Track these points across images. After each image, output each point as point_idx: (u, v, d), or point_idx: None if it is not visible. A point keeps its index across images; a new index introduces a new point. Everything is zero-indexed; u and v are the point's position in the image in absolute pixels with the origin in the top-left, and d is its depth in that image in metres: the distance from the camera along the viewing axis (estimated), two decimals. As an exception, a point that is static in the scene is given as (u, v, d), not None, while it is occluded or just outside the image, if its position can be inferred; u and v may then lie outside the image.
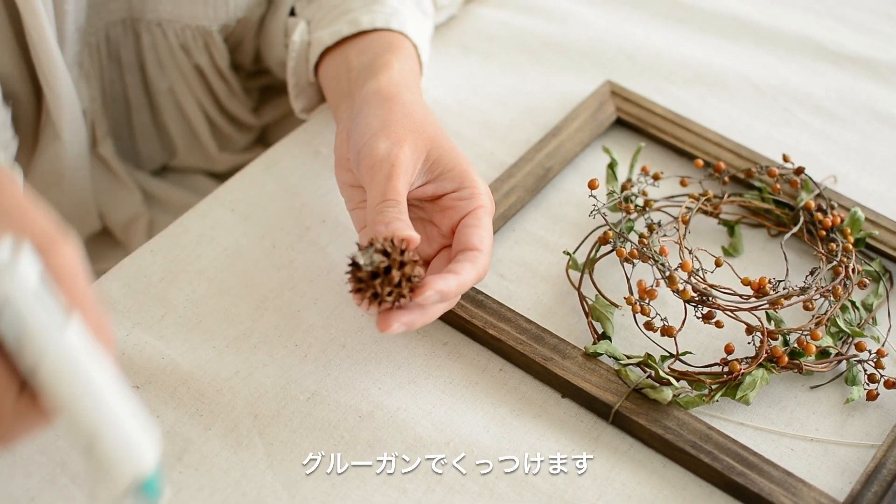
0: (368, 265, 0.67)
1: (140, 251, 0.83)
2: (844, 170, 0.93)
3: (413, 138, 0.76)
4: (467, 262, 0.72)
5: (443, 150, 0.77)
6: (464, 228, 0.74)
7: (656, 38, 1.05)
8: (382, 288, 0.67)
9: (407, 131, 0.76)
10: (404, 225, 0.70)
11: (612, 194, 0.85)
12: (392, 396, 0.75)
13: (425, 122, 0.78)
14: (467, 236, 0.73)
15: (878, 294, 0.83)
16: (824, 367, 0.77)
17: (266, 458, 0.71)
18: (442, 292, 0.69)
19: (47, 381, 0.52)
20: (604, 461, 0.73)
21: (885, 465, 0.72)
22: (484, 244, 0.73)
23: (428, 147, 0.76)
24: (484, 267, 0.73)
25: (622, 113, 0.94)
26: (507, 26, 1.05)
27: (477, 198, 0.75)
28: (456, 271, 0.71)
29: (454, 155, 0.77)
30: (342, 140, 0.80)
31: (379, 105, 0.78)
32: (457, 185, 0.76)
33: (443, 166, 0.76)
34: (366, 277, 0.68)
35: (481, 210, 0.75)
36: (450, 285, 0.69)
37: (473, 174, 0.76)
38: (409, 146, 0.75)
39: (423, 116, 0.78)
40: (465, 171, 0.76)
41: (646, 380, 0.74)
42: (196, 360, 0.76)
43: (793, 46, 1.05)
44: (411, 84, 0.82)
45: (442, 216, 0.76)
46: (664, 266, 0.77)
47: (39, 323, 0.51)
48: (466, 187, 0.76)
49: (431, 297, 0.68)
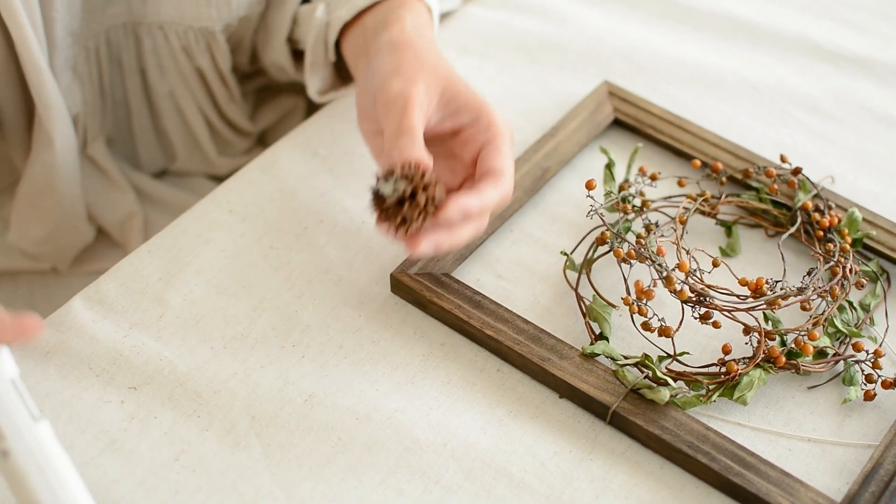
0: (392, 193, 0.69)
1: (137, 252, 0.82)
2: (842, 170, 0.93)
3: (426, 76, 0.78)
4: (489, 182, 0.74)
5: (458, 87, 0.79)
6: (484, 155, 0.76)
7: (654, 39, 1.05)
8: (411, 212, 0.69)
9: (419, 71, 0.78)
10: (419, 150, 0.72)
11: (610, 195, 0.85)
12: (389, 397, 0.75)
13: (438, 64, 0.80)
14: (488, 161, 0.76)
15: (876, 294, 0.83)
16: (822, 367, 0.77)
17: (263, 459, 0.71)
18: (464, 209, 0.71)
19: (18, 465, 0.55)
20: (601, 462, 0.73)
21: (882, 466, 0.72)
22: (505, 166, 0.75)
23: (442, 85, 0.79)
24: (507, 188, 0.75)
25: (619, 113, 0.94)
26: (504, 27, 1.05)
27: (494, 126, 0.77)
28: (477, 189, 0.73)
29: (469, 92, 0.79)
30: (361, 91, 0.82)
31: (391, 52, 0.80)
32: (473, 118, 0.78)
33: (459, 102, 0.79)
34: (392, 205, 0.69)
35: (499, 137, 0.77)
36: (471, 202, 0.72)
37: (489, 106, 0.78)
38: (422, 83, 0.77)
39: (436, 59, 0.81)
40: (482, 104, 0.78)
41: (643, 380, 0.74)
42: (193, 361, 0.76)
43: (790, 47, 1.05)
44: (424, 33, 0.84)
45: (463, 148, 0.79)
46: (661, 266, 0.77)
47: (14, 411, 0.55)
48: (483, 118, 0.77)
49: (454, 211, 0.71)
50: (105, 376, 0.75)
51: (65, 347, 0.76)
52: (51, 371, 0.75)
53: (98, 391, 0.74)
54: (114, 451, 0.71)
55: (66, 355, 0.76)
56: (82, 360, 0.75)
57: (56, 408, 0.73)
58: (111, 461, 0.71)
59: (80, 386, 0.74)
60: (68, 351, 0.76)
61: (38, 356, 0.75)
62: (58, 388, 0.74)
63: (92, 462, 0.70)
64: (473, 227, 0.75)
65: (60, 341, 0.76)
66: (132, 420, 0.73)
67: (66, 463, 0.56)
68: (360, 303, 0.80)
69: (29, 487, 0.55)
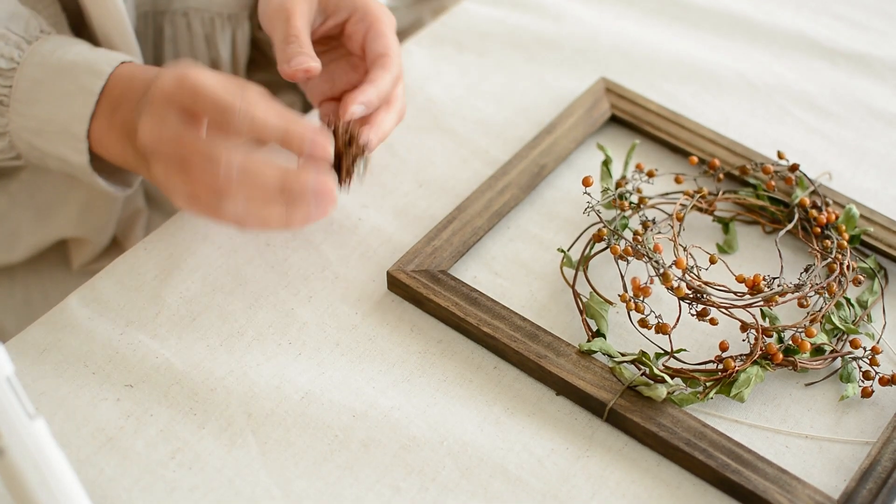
0: None
1: (134, 249, 0.82)
2: (839, 167, 0.93)
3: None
4: (378, 69, 0.81)
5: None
6: (367, 44, 0.83)
7: (651, 35, 1.05)
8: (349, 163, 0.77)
9: None
10: (307, 58, 0.79)
11: (607, 191, 0.85)
12: (386, 395, 0.75)
13: None
14: (372, 48, 0.82)
15: (873, 291, 0.83)
16: (819, 364, 0.77)
17: (260, 456, 0.71)
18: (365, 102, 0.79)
19: (14, 463, 0.55)
20: (598, 459, 0.73)
21: (879, 462, 0.72)
22: (388, 48, 0.82)
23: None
24: (396, 67, 0.82)
25: (616, 110, 0.94)
26: (501, 24, 1.04)
27: (370, 14, 0.83)
28: (370, 80, 0.80)
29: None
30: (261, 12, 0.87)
31: None
32: (350, 11, 0.84)
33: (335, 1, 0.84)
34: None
35: (377, 23, 0.83)
36: (368, 94, 0.79)
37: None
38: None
39: None
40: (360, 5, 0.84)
41: (640, 377, 0.74)
42: (190, 358, 0.76)
43: (787, 43, 1.05)
44: None
45: (351, 43, 0.85)
46: (658, 263, 0.77)
47: (10, 409, 0.55)
48: (358, 9, 0.84)
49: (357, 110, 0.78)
50: (101, 374, 0.75)
51: (60, 345, 0.76)
52: (46, 369, 0.75)
53: (94, 389, 0.74)
54: (110, 449, 0.71)
55: (61, 353, 0.76)
56: (78, 358, 0.75)
57: (52, 405, 0.73)
58: (107, 459, 0.70)
59: (76, 384, 0.74)
60: (64, 349, 0.76)
61: (34, 354, 0.75)
62: (53, 386, 0.74)
63: (88, 460, 0.70)
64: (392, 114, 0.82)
65: (56, 339, 0.76)
66: (128, 418, 0.73)
67: (61, 461, 0.56)
68: (357, 300, 0.80)
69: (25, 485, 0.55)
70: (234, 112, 0.71)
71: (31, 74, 0.79)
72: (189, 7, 0.93)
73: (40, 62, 0.79)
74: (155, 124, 0.73)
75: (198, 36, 0.95)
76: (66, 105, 0.79)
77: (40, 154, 0.81)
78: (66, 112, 0.79)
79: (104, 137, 0.79)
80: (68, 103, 0.79)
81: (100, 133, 0.79)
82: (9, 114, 0.80)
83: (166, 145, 0.73)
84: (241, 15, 0.95)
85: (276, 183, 0.72)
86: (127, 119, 0.77)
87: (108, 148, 0.79)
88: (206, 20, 0.94)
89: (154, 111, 0.73)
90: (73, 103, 0.78)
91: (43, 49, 0.80)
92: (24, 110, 0.80)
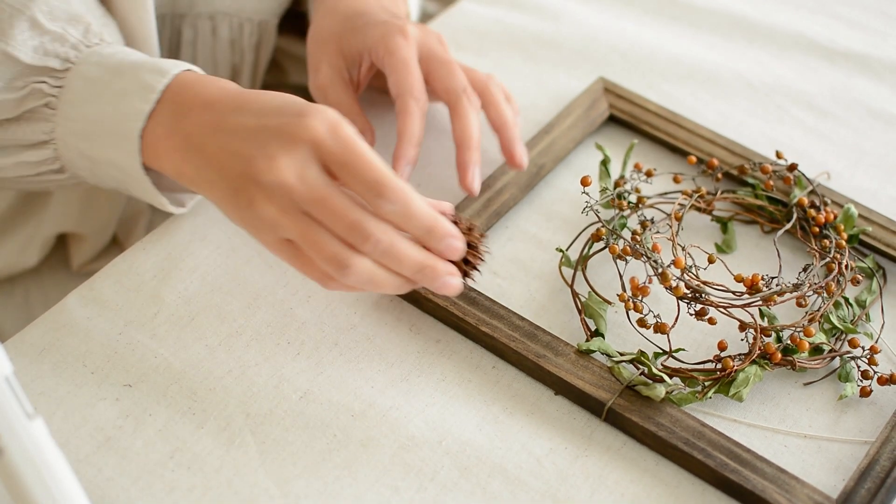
0: None
1: (132, 249, 0.82)
2: (838, 166, 0.93)
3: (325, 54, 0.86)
4: (400, 116, 0.82)
5: (349, 40, 0.85)
6: (389, 87, 0.84)
7: (649, 35, 1.05)
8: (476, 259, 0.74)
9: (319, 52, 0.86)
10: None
11: (605, 191, 0.85)
12: (384, 395, 0.75)
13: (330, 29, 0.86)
14: (392, 91, 0.83)
15: (872, 290, 0.83)
16: (817, 363, 0.77)
17: (258, 456, 0.71)
18: (407, 161, 0.80)
19: (12, 462, 0.55)
20: (596, 459, 0.73)
21: (878, 462, 0.72)
22: (401, 85, 0.82)
23: (339, 49, 0.85)
24: (420, 103, 0.82)
25: (615, 110, 0.94)
26: (499, 23, 1.04)
27: (379, 50, 0.83)
28: (399, 133, 0.81)
29: (359, 36, 0.85)
30: None
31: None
32: (368, 53, 0.85)
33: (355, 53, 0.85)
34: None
35: (388, 58, 0.83)
36: (406, 153, 0.80)
37: (372, 38, 0.84)
38: (324, 65, 0.85)
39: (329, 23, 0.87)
40: (365, 44, 0.84)
41: (639, 377, 0.74)
42: (188, 358, 0.76)
43: (786, 43, 1.05)
44: None
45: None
46: (657, 263, 0.77)
47: (9, 408, 0.55)
48: (370, 49, 0.84)
49: (405, 172, 0.80)
50: (100, 374, 0.75)
51: (59, 345, 0.76)
52: (45, 368, 0.75)
53: (93, 388, 0.74)
54: (108, 449, 0.71)
55: (60, 353, 0.76)
56: (77, 358, 0.75)
57: (50, 405, 0.73)
58: (106, 459, 0.70)
59: (75, 383, 0.74)
60: (63, 348, 0.76)
61: (33, 353, 0.75)
62: (52, 386, 0.74)
63: (86, 460, 0.70)
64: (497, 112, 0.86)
65: (55, 339, 0.76)
66: (127, 417, 0.72)
67: (60, 460, 0.56)
68: (355, 300, 0.80)
69: (23, 485, 0.55)
70: (390, 191, 0.67)
71: (87, 73, 0.75)
72: (217, 11, 0.91)
73: (98, 62, 0.75)
74: (296, 164, 0.67)
75: (223, 40, 0.93)
76: (122, 102, 0.73)
77: (90, 163, 0.76)
78: (120, 109, 0.73)
79: (159, 143, 0.73)
80: (124, 101, 0.73)
81: (155, 138, 0.73)
82: (56, 118, 0.75)
83: (300, 192, 0.67)
84: (270, 22, 0.93)
85: (410, 270, 0.69)
86: (193, 133, 0.71)
87: (162, 157, 0.73)
88: (235, 25, 0.92)
89: (295, 151, 0.67)
90: (131, 101, 0.73)
91: (103, 51, 0.76)
92: (72, 112, 0.75)
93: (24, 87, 0.74)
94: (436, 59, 0.84)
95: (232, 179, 0.69)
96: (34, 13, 0.74)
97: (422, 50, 0.84)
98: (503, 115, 0.85)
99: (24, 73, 0.74)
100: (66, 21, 0.76)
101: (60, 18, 0.75)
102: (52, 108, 0.75)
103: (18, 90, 0.74)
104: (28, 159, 0.77)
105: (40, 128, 0.75)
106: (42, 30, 0.74)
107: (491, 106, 0.86)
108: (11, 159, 0.77)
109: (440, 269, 0.70)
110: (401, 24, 0.84)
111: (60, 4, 0.75)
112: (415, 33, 0.84)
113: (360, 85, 0.87)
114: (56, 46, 0.75)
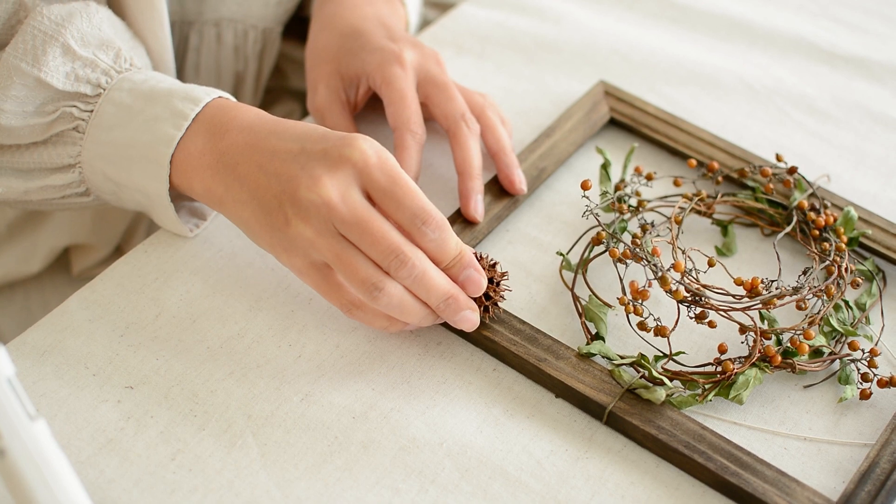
0: None
1: (134, 251, 0.82)
2: (838, 169, 0.94)
3: (323, 76, 0.86)
4: (398, 151, 0.82)
5: (349, 64, 0.85)
6: (388, 119, 0.83)
7: (650, 38, 1.05)
8: (498, 296, 0.77)
9: (316, 75, 0.86)
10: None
11: (606, 195, 0.85)
12: (385, 397, 0.75)
13: (327, 49, 0.86)
14: (391, 123, 0.83)
15: (872, 293, 0.83)
16: (817, 366, 0.77)
17: (260, 458, 0.71)
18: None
19: (15, 464, 0.55)
20: (597, 461, 0.73)
21: (878, 465, 0.72)
22: (397, 116, 0.82)
23: (336, 70, 0.85)
24: (417, 135, 0.82)
25: (616, 113, 0.94)
26: (500, 27, 1.05)
27: (376, 78, 0.84)
28: (398, 155, 0.82)
29: (357, 61, 0.85)
30: None
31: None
32: (365, 79, 0.85)
33: (352, 77, 0.85)
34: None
35: (384, 87, 0.83)
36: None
37: (370, 65, 0.84)
38: (322, 86, 0.86)
39: (325, 42, 0.87)
40: (363, 70, 0.85)
41: (639, 380, 0.75)
42: (190, 360, 0.76)
43: (786, 46, 1.05)
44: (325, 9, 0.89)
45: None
46: (657, 266, 0.77)
47: (11, 410, 0.55)
48: (368, 76, 0.85)
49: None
50: (101, 376, 0.75)
51: (61, 347, 0.76)
52: (47, 370, 0.75)
53: (94, 390, 0.74)
54: (110, 451, 0.71)
55: (62, 355, 0.76)
56: (79, 360, 0.75)
57: (52, 407, 0.73)
58: (107, 460, 0.71)
59: (77, 385, 0.74)
60: (65, 350, 0.76)
61: (35, 355, 0.75)
62: (54, 388, 0.74)
63: (88, 461, 0.70)
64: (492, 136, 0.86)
65: (57, 341, 0.76)
66: (128, 419, 0.73)
67: (62, 462, 0.56)
68: (357, 302, 0.80)
69: (25, 487, 0.55)
70: (433, 220, 0.70)
71: (118, 99, 0.76)
72: (222, 17, 0.92)
73: (130, 88, 0.76)
74: (339, 185, 0.69)
75: (227, 46, 0.94)
76: (154, 128, 0.75)
77: (115, 186, 0.77)
78: (151, 135, 0.75)
79: (190, 161, 0.74)
80: (156, 126, 0.75)
81: (186, 155, 0.74)
82: (83, 142, 0.76)
83: (342, 212, 0.69)
84: (275, 30, 0.94)
85: (437, 300, 0.72)
86: (228, 151, 0.73)
87: (191, 174, 0.74)
88: (239, 32, 0.93)
89: (339, 173, 0.69)
90: (163, 127, 0.75)
91: (134, 77, 0.77)
92: (101, 136, 0.76)
93: (55, 112, 0.76)
94: (433, 83, 0.85)
95: (266, 199, 0.70)
96: (66, 39, 0.75)
97: (419, 74, 0.85)
98: (501, 140, 0.86)
99: (56, 98, 0.76)
100: (97, 46, 0.77)
101: (91, 44, 0.77)
102: (81, 131, 0.76)
103: (49, 114, 0.76)
104: (54, 182, 0.78)
105: (67, 151, 0.77)
106: (74, 55, 0.76)
107: (488, 131, 0.86)
108: (37, 183, 0.78)
109: (462, 302, 0.72)
110: (398, 52, 0.84)
111: (92, 30, 0.76)
112: (412, 59, 0.84)
113: (358, 106, 0.88)
114: (87, 72, 0.76)
